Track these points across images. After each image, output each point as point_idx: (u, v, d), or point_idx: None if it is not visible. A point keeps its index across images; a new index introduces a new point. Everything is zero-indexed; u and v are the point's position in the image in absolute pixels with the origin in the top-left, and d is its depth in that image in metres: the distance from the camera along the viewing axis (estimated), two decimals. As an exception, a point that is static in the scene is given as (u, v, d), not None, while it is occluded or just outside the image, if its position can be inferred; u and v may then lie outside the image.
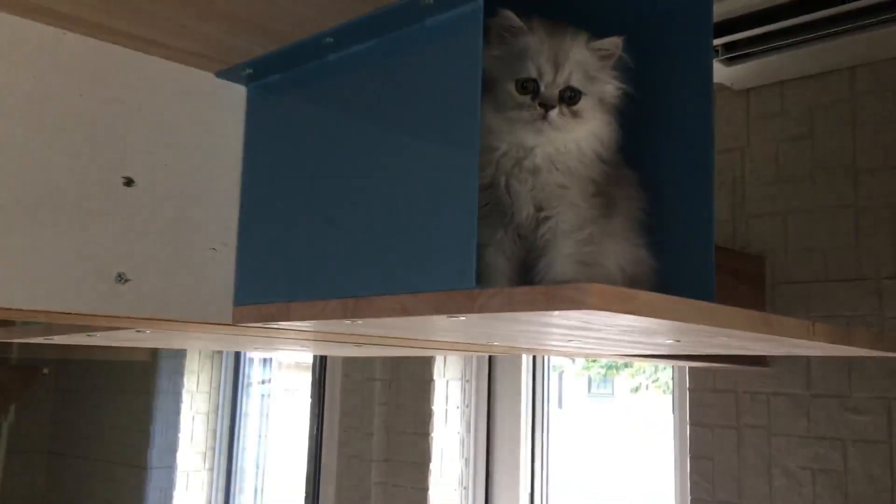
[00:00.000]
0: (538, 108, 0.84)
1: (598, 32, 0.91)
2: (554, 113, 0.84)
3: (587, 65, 0.87)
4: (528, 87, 0.84)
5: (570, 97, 0.85)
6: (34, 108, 0.81)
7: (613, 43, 0.88)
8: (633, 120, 0.93)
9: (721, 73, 1.94)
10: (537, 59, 0.84)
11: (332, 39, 0.85)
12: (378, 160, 0.82)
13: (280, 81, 0.95)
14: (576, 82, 0.86)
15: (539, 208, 0.87)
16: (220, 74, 0.95)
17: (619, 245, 0.94)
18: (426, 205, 0.77)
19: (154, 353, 3.61)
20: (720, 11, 1.73)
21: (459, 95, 0.75)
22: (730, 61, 1.87)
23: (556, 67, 0.85)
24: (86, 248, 0.83)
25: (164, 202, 0.89)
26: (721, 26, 1.79)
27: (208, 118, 0.94)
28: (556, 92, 0.85)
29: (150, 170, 0.88)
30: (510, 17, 0.84)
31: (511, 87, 0.85)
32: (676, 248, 0.98)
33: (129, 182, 0.87)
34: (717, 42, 1.82)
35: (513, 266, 0.90)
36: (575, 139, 0.87)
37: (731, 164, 2.06)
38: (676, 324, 0.72)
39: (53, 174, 0.81)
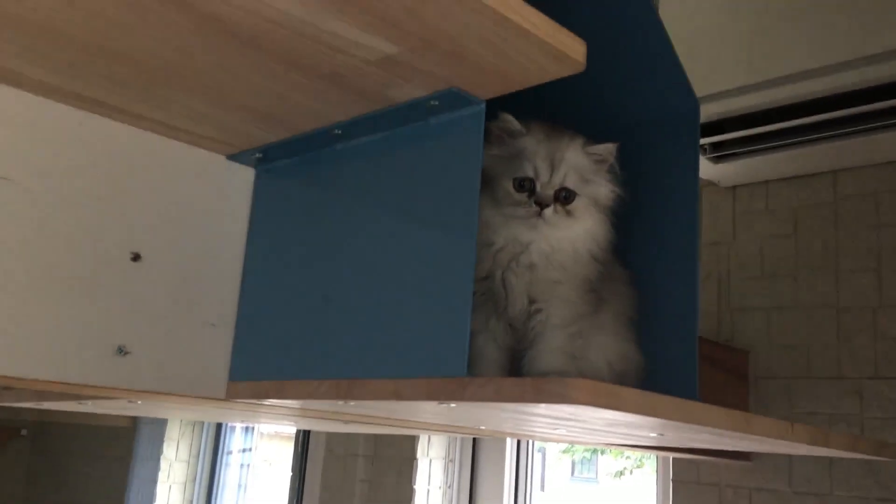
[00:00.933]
0: (534, 205, 0.88)
1: (592, 133, 0.96)
2: (549, 211, 0.88)
3: (582, 167, 0.92)
4: (525, 185, 0.89)
5: (564, 197, 0.90)
6: (51, 183, 0.84)
7: (607, 149, 0.93)
8: (622, 217, 0.98)
9: (709, 170, 2.01)
10: (534, 159, 0.89)
11: (340, 131, 0.89)
12: (378, 246, 0.86)
13: (288, 166, 0.99)
14: (570, 183, 0.90)
15: (532, 301, 0.91)
16: (231, 157, 0.99)
17: (607, 340, 0.97)
18: (422, 292, 0.80)
19: (135, 418, 3.57)
20: (709, 112, 1.81)
21: (459, 190, 0.79)
22: (717, 160, 1.94)
23: (552, 168, 0.89)
24: (90, 320, 0.85)
25: (168, 277, 0.92)
26: (710, 126, 1.87)
27: (217, 198, 0.98)
28: (551, 192, 0.89)
29: (157, 246, 0.91)
30: (510, 120, 0.89)
31: (509, 185, 0.89)
32: (662, 344, 1.01)
33: (136, 257, 0.90)
34: (705, 141, 1.89)
35: (503, 354, 0.93)
36: (569, 237, 0.91)
37: (718, 257, 2.11)
38: (659, 420, 0.75)
39: (65, 247, 0.84)
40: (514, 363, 0.93)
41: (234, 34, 0.70)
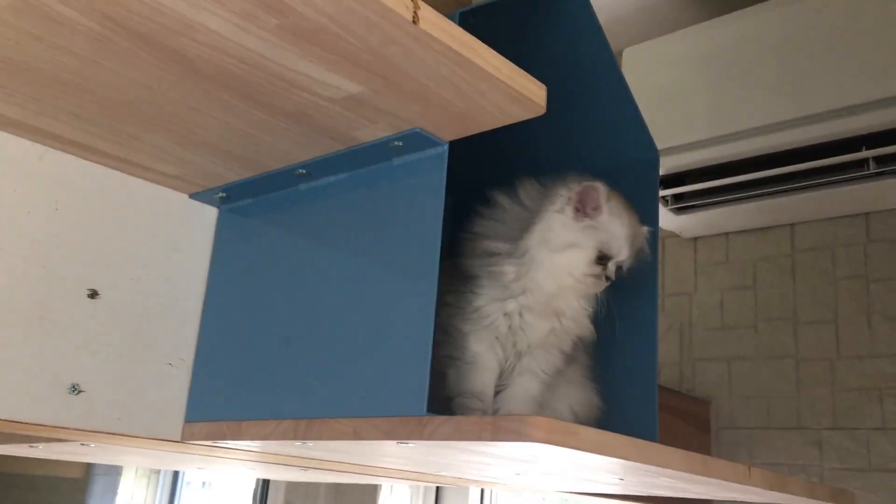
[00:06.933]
0: (604, 280, 0.93)
1: (555, 180, 0.98)
2: (607, 284, 0.93)
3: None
4: (604, 259, 0.93)
5: (618, 270, 0.95)
6: (10, 219, 0.83)
7: (646, 233, 1.00)
8: None
9: (671, 221, 2.04)
10: (620, 240, 0.93)
11: (304, 171, 0.90)
12: (339, 286, 0.86)
13: (251, 205, 0.99)
14: (629, 263, 0.96)
15: (530, 344, 0.94)
16: (194, 196, 0.99)
17: (572, 388, 0.99)
18: (383, 332, 0.80)
19: (88, 469, 3.46)
20: (671, 165, 1.85)
21: (421, 231, 0.80)
22: (678, 211, 1.98)
23: (630, 251, 0.94)
24: (42, 357, 0.84)
25: (126, 316, 0.91)
26: (671, 178, 1.91)
27: (179, 237, 0.97)
28: (614, 268, 0.94)
29: (116, 283, 0.90)
30: (599, 191, 0.92)
31: (591, 256, 0.92)
32: (622, 390, 1.02)
33: (93, 294, 0.89)
34: (666, 193, 1.93)
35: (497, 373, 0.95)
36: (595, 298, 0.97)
37: (680, 308, 2.14)
38: (618, 461, 0.75)
39: (21, 282, 0.83)
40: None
41: (199, 71, 0.71)
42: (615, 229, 0.93)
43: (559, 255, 0.92)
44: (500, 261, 0.93)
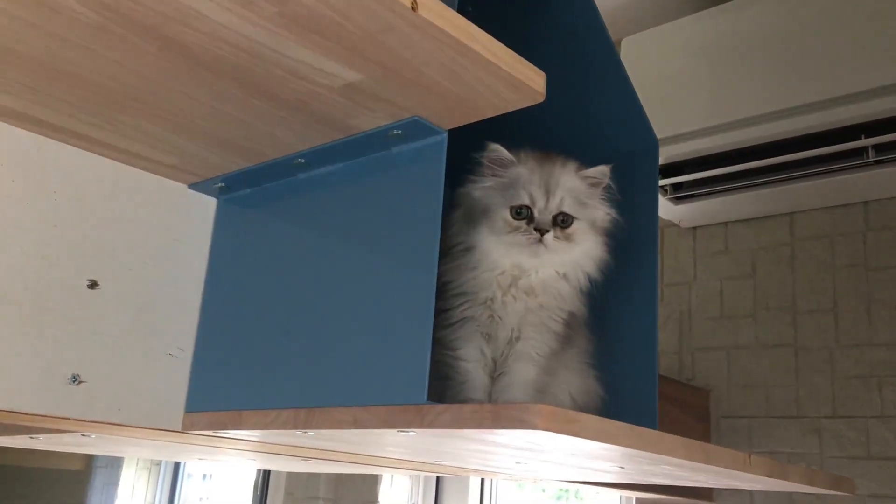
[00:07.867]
0: (533, 232, 0.88)
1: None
2: (549, 236, 0.89)
3: (578, 191, 0.93)
4: (523, 212, 0.89)
5: (562, 221, 0.90)
6: (8, 210, 0.83)
7: (601, 171, 0.95)
8: (618, 240, 0.98)
9: (670, 211, 2.04)
10: (529, 186, 0.90)
11: (303, 160, 0.90)
12: (339, 276, 0.86)
13: (250, 195, 0.99)
14: (567, 208, 0.91)
15: (519, 328, 0.91)
16: (192, 186, 0.98)
17: (572, 375, 0.98)
18: (383, 321, 0.80)
19: (88, 462, 3.47)
20: (670, 154, 1.85)
21: (421, 220, 0.80)
22: (677, 200, 1.98)
23: (548, 194, 0.90)
24: (42, 348, 0.83)
25: (126, 306, 0.91)
26: (670, 168, 1.91)
27: (177, 227, 0.97)
28: (549, 217, 0.90)
29: (115, 274, 0.90)
30: (499, 149, 0.90)
31: (506, 214, 0.89)
32: (623, 379, 1.02)
33: (93, 285, 0.88)
34: (665, 182, 1.92)
35: (491, 382, 0.93)
36: (571, 261, 0.92)
37: (679, 297, 2.14)
38: (618, 448, 0.75)
39: (20, 273, 0.83)
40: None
41: (197, 60, 0.71)
42: (520, 176, 0.90)
43: (482, 223, 0.89)
44: (453, 253, 0.91)
